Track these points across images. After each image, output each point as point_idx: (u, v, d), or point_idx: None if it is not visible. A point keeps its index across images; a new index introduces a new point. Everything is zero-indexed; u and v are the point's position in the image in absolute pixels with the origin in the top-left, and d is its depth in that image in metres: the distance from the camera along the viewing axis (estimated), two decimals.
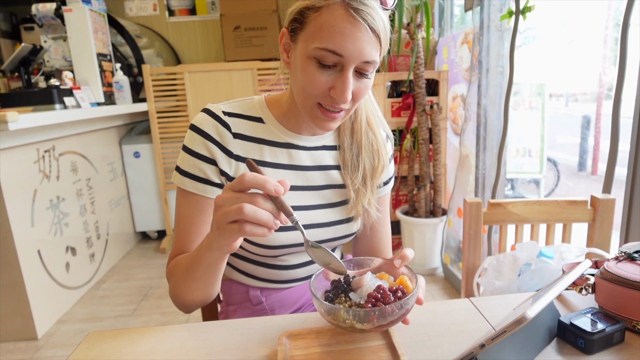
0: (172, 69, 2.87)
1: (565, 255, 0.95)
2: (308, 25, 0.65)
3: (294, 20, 0.68)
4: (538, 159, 2.77)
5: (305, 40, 0.66)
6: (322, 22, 0.63)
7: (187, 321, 2.10)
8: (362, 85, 0.68)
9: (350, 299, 0.60)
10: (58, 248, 2.22)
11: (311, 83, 0.67)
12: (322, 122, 0.72)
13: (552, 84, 2.62)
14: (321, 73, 0.66)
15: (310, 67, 0.66)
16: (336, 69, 0.66)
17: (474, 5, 2.05)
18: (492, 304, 0.71)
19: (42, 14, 2.64)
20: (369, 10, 0.62)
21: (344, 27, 0.62)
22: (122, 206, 3.04)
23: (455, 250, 2.40)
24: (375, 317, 0.54)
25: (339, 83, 0.66)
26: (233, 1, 3.45)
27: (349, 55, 0.63)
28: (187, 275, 0.68)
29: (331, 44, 0.63)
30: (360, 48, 0.63)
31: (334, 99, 0.67)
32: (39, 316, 2.01)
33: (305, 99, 0.70)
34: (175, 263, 0.74)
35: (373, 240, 0.91)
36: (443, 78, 2.48)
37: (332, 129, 0.74)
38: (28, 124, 1.83)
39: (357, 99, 0.70)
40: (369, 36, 0.63)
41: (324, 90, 0.67)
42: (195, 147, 0.75)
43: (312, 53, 0.65)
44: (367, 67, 0.66)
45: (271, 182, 0.52)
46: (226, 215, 0.52)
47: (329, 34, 0.62)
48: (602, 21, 2.24)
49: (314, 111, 0.70)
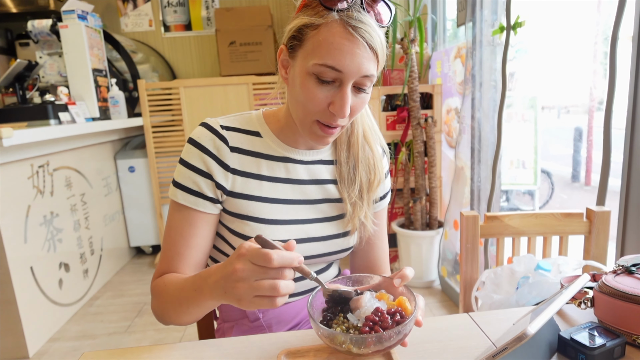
0: (168, 84, 2.88)
1: (563, 268, 0.96)
2: (307, 43, 0.67)
3: (292, 38, 0.69)
4: (532, 171, 2.80)
5: (304, 57, 0.67)
6: (321, 39, 0.64)
7: (182, 338, 2.06)
8: (360, 100, 0.70)
9: (347, 320, 0.60)
10: (51, 264, 2.19)
11: (310, 99, 0.68)
12: (320, 138, 0.72)
13: (544, 96, 2.66)
14: (320, 89, 0.67)
15: (309, 83, 0.67)
16: (335, 85, 0.67)
17: (466, 20, 2.08)
18: (492, 319, 0.70)
19: (37, 30, 2.65)
20: (366, 27, 0.64)
21: (342, 44, 0.63)
22: (117, 221, 3.02)
23: (452, 263, 2.40)
24: (373, 342, 0.54)
25: (338, 98, 0.67)
26: (228, 17, 3.48)
27: (348, 71, 0.64)
28: (178, 307, 0.68)
29: (330, 60, 0.64)
30: (359, 64, 0.64)
31: (332, 115, 0.68)
32: (30, 334, 1.97)
33: (305, 116, 0.71)
34: (164, 286, 0.73)
35: (370, 255, 0.90)
36: (437, 92, 2.51)
37: (328, 144, 0.75)
38: (22, 140, 1.82)
39: (354, 113, 0.71)
40: (366, 52, 0.64)
41: (323, 106, 0.68)
42: (191, 160, 0.75)
43: (311, 69, 0.66)
44: (365, 82, 0.68)
45: (295, 258, 0.54)
46: (255, 290, 0.53)
47: (328, 51, 0.64)
48: (591, 36, 2.29)
49: (313, 127, 0.71)
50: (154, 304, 0.75)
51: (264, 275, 0.53)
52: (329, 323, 0.60)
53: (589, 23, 2.18)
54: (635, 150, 1.18)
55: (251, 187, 0.78)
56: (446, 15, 2.68)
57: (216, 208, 0.77)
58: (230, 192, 0.77)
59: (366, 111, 0.84)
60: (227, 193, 0.77)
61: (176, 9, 4.02)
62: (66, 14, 2.58)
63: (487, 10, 1.97)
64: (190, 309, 0.66)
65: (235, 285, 0.54)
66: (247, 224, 0.77)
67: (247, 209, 0.77)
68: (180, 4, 4.01)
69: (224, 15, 3.49)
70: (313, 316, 0.58)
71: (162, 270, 0.77)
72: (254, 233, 0.77)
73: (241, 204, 0.77)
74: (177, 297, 0.68)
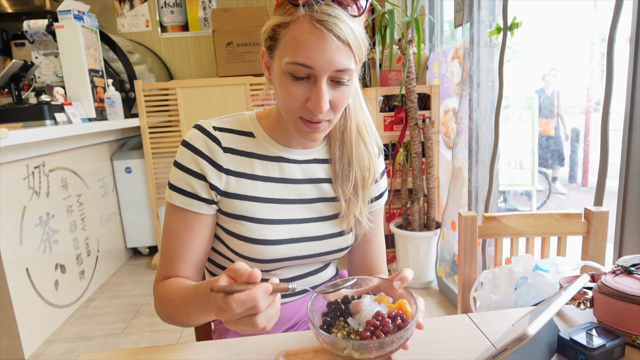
0: (165, 84, 2.87)
1: (561, 268, 0.95)
2: (280, 42, 0.67)
3: (269, 39, 0.70)
4: (529, 171, 2.80)
5: (279, 57, 0.68)
6: (291, 37, 0.65)
7: (179, 339, 2.05)
8: (340, 94, 0.69)
9: (348, 325, 0.59)
10: (47, 266, 2.18)
11: (288, 97, 0.68)
12: (306, 134, 0.72)
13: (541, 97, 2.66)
14: (296, 86, 0.67)
15: (285, 82, 0.67)
16: (310, 81, 0.67)
17: (463, 21, 2.09)
18: (491, 320, 0.70)
19: (33, 30, 2.63)
20: (333, 20, 0.63)
21: (309, 39, 0.63)
22: (113, 222, 3.00)
23: (450, 264, 2.39)
24: (375, 347, 0.54)
25: (314, 94, 0.66)
26: (225, 17, 3.47)
27: (319, 66, 0.64)
28: (184, 315, 0.69)
29: (300, 57, 0.64)
30: (329, 58, 0.64)
31: (311, 111, 0.68)
32: (26, 336, 1.95)
33: (288, 113, 0.71)
34: (167, 293, 0.73)
35: (367, 255, 0.90)
36: (434, 92, 2.51)
37: (318, 140, 0.75)
38: (18, 141, 1.81)
39: (337, 107, 0.70)
40: (336, 45, 0.63)
41: (302, 103, 0.68)
42: (185, 162, 0.75)
43: (285, 68, 0.66)
44: (342, 76, 0.67)
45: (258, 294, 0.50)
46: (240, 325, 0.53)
47: (297, 48, 0.64)
48: (587, 37, 2.29)
49: (298, 124, 0.71)
50: (159, 308, 0.76)
51: (241, 314, 0.52)
52: (329, 328, 0.60)
53: (585, 24, 2.18)
54: (633, 150, 1.18)
55: (245, 187, 0.77)
56: (444, 16, 2.69)
57: (212, 209, 0.77)
58: (224, 192, 0.77)
59: (361, 107, 0.82)
60: (222, 193, 0.77)
61: (173, 9, 4.01)
62: (62, 14, 2.56)
63: (485, 11, 1.97)
64: (200, 319, 0.67)
65: (225, 323, 0.54)
66: (242, 224, 0.77)
67: (241, 209, 0.77)
68: (177, 4, 4.01)
69: (221, 16, 3.48)
70: (313, 321, 0.57)
71: (164, 274, 0.77)
72: (249, 233, 0.76)
73: (235, 204, 0.77)
74: (182, 306, 0.69)
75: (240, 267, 0.53)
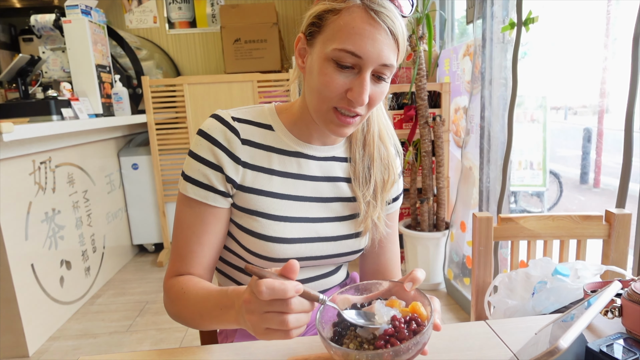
0: (172, 80, 2.85)
1: (581, 273, 0.91)
2: (327, 28, 0.65)
3: (311, 25, 0.68)
4: (541, 172, 2.74)
5: (323, 43, 0.65)
6: (342, 23, 0.63)
7: (184, 339, 2.03)
8: (379, 90, 0.67)
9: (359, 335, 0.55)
10: (52, 262, 2.16)
11: (328, 85, 0.65)
12: (336, 128, 0.69)
13: (552, 96, 2.60)
14: (339, 75, 0.65)
15: (327, 69, 0.65)
16: (354, 71, 0.65)
17: (475, 17, 2.04)
18: (511, 327, 0.66)
19: (40, 25, 2.62)
20: (388, 13, 0.62)
21: (363, 28, 0.62)
22: (119, 219, 2.99)
23: (459, 265, 2.35)
24: (390, 357, 0.50)
25: (357, 84, 0.64)
26: (233, 14, 3.45)
27: (368, 57, 0.62)
28: (199, 319, 0.67)
29: (350, 45, 0.62)
30: (379, 50, 0.62)
31: (350, 102, 0.66)
32: (30, 332, 1.94)
33: (321, 103, 0.68)
34: (182, 293, 0.70)
35: (381, 258, 0.87)
36: (445, 90, 2.46)
37: (346, 135, 0.72)
38: (23, 135, 1.79)
39: (373, 104, 0.68)
40: (388, 39, 0.63)
41: (341, 93, 0.66)
42: (201, 152, 0.72)
43: (330, 54, 0.64)
44: (385, 71, 0.66)
45: (289, 288, 0.49)
46: (265, 322, 0.51)
47: (348, 35, 0.62)
48: (601, 35, 2.23)
49: (329, 115, 0.68)
50: (171, 307, 0.73)
51: (270, 308, 0.50)
52: (340, 339, 0.56)
53: (599, 20, 2.12)
54: None
55: (261, 181, 0.74)
56: (455, 13, 2.64)
57: (227, 202, 0.74)
58: (240, 185, 0.74)
59: (382, 111, 0.82)
60: (237, 187, 0.74)
61: (181, 5, 3.99)
62: (70, 9, 2.55)
63: (497, 7, 1.92)
64: (213, 324, 0.65)
65: (246, 316, 0.53)
66: (256, 219, 0.74)
67: (256, 204, 0.74)
68: (185, 0, 3.98)
69: (229, 12, 3.46)
70: (322, 333, 0.53)
71: (176, 270, 0.74)
72: (262, 229, 0.73)
73: (250, 198, 0.74)
74: (198, 310, 0.66)
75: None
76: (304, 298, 0.51)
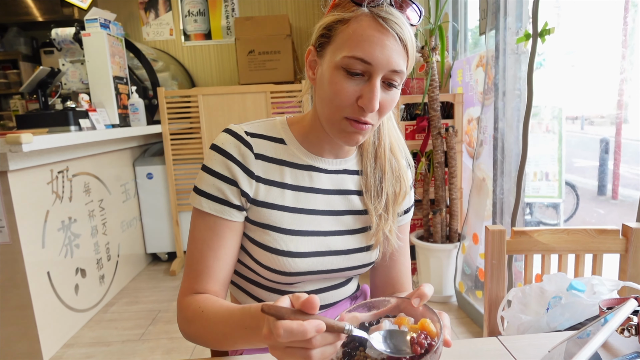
0: (187, 91, 2.89)
1: (597, 288, 0.89)
2: (336, 38, 0.66)
3: (321, 36, 0.69)
4: (556, 183, 2.70)
5: (332, 53, 0.67)
6: (351, 32, 0.64)
7: (195, 349, 2.04)
8: (389, 97, 0.68)
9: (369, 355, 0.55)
10: (68, 270, 2.20)
11: (339, 93, 0.66)
12: (349, 135, 0.70)
13: (568, 107, 2.57)
14: (349, 82, 0.66)
15: (337, 78, 0.66)
16: (364, 79, 0.66)
17: (488, 28, 2.04)
18: (524, 344, 0.65)
19: (61, 38, 2.70)
20: (396, 20, 0.63)
21: (372, 35, 0.63)
22: (134, 227, 3.03)
23: (471, 278, 2.32)
24: None
25: (367, 91, 0.65)
26: (248, 26, 3.50)
27: (377, 63, 0.63)
28: (222, 339, 0.65)
29: (359, 52, 0.63)
30: (388, 56, 0.63)
31: (361, 110, 0.66)
32: (45, 339, 1.97)
33: (333, 113, 0.69)
34: (201, 313, 0.67)
35: (392, 271, 0.86)
36: (458, 101, 2.45)
37: (357, 144, 0.72)
38: (42, 146, 1.83)
39: (383, 111, 0.68)
40: (397, 45, 0.64)
41: (352, 100, 0.66)
42: (215, 167, 0.73)
43: (339, 62, 0.65)
44: (395, 77, 0.66)
45: (309, 330, 0.46)
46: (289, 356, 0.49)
47: (357, 42, 0.63)
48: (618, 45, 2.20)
49: (342, 125, 0.69)
50: (187, 327, 0.71)
51: (292, 344, 0.48)
52: (350, 359, 0.55)
53: (615, 29, 2.09)
54: None
55: (274, 195, 0.75)
56: (467, 24, 2.64)
57: (242, 216, 0.74)
58: (253, 200, 0.74)
59: (393, 124, 0.82)
60: (251, 201, 0.74)
61: (197, 18, 4.07)
62: (89, 23, 2.62)
63: (511, 18, 1.92)
64: (238, 344, 0.63)
65: (270, 348, 0.51)
66: (268, 233, 0.74)
67: (269, 218, 0.74)
68: (201, 13, 4.06)
69: (243, 25, 3.51)
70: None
71: (191, 287, 0.72)
72: (275, 244, 0.73)
73: (263, 212, 0.74)
74: (221, 330, 0.64)
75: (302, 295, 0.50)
76: (328, 331, 0.49)
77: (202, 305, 0.68)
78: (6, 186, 1.79)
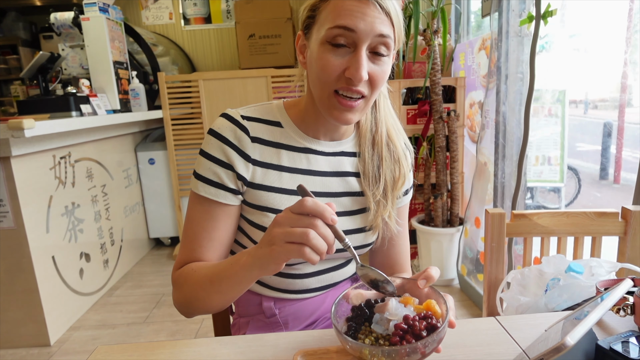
0: (187, 76, 2.88)
1: (596, 270, 0.90)
2: (320, 15, 0.67)
3: (307, 18, 0.70)
4: (558, 167, 2.69)
5: (318, 29, 0.68)
6: (332, 6, 0.65)
7: (199, 330, 2.07)
8: (379, 68, 0.67)
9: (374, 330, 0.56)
10: (72, 254, 2.23)
11: (325, 68, 0.66)
12: (340, 114, 0.70)
13: (571, 90, 2.55)
14: (335, 55, 0.66)
15: (323, 53, 0.66)
16: (349, 50, 0.66)
17: (491, 10, 2.01)
18: (521, 324, 0.66)
19: (60, 22, 2.67)
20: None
21: (352, 4, 0.63)
22: (137, 212, 3.05)
23: (473, 261, 2.34)
24: (406, 353, 0.50)
25: (353, 61, 0.65)
26: (248, 9, 3.46)
27: (361, 30, 0.64)
28: (209, 286, 0.68)
29: (341, 20, 0.64)
30: (371, 23, 0.64)
31: (349, 80, 0.66)
32: (52, 322, 2.01)
33: (322, 89, 0.69)
34: (191, 271, 0.72)
35: (391, 253, 0.87)
36: (460, 85, 2.44)
37: (350, 122, 0.71)
38: (44, 131, 1.84)
39: (375, 84, 0.68)
40: (378, 12, 0.64)
41: (339, 73, 0.66)
42: (212, 151, 0.74)
43: (324, 37, 0.66)
44: (381, 45, 0.66)
45: (329, 211, 0.54)
46: (287, 235, 0.54)
47: (339, 13, 0.64)
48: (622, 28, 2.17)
49: (332, 101, 0.69)
50: (178, 294, 0.74)
51: (299, 223, 0.54)
52: (354, 334, 0.57)
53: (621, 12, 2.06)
54: None
55: (271, 178, 0.76)
56: (471, 5, 2.60)
57: (237, 199, 0.76)
58: (250, 183, 0.75)
59: (389, 109, 0.82)
60: (247, 184, 0.75)
61: (196, 1, 4.02)
62: (88, 7, 2.59)
63: (515, 0, 1.89)
64: (222, 285, 0.66)
65: (271, 231, 0.56)
66: (266, 215, 0.75)
67: (266, 200, 0.75)
68: None
69: (243, 8, 3.47)
70: (337, 326, 0.54)
71: (184, 261, 0.75)
72: None
73: (261, 195, 0.75)
74: (208, 276, 0.68)
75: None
76: (333, 231, 0.56)
77: (194, 267, 0.72)
78: (9, 172, 1.80)
